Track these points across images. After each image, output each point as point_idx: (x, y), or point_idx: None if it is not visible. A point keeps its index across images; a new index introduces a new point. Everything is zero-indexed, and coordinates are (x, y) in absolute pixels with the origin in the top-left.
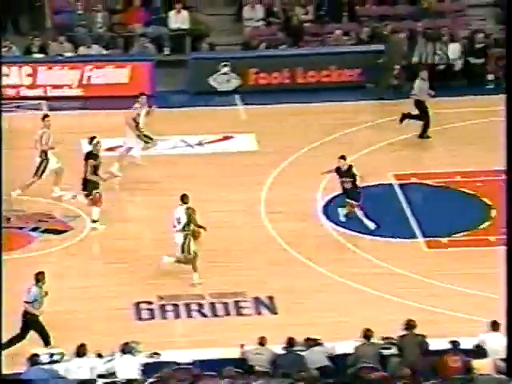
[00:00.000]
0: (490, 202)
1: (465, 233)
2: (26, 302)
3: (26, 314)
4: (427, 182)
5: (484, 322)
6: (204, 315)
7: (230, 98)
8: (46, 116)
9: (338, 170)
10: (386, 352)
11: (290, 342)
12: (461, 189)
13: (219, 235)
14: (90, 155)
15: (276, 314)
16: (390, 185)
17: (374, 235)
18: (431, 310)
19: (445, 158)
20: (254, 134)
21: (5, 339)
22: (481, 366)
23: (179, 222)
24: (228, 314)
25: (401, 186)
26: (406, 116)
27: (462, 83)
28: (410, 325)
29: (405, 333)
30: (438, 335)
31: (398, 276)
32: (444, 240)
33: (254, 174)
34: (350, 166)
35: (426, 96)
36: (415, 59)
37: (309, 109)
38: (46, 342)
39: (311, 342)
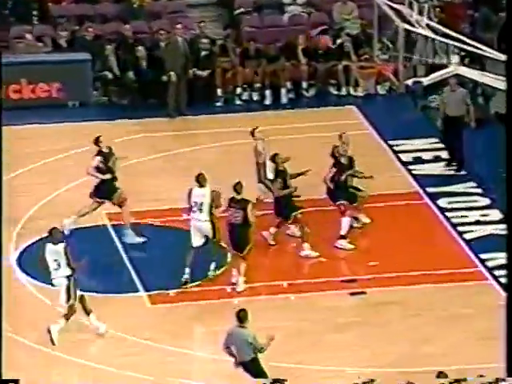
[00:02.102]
0: (224, 245)
1: (197, 282)
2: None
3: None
4: (148, 221)
5: None
6: None
7: None
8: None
9: None
10: None
11: None
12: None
13: None
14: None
15: None
16: (104, 226)
17: (85, 291)
18: (155, 381)
19: (172, 191)
20: None
21: None
22: None
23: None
24: None
25: (116, 227)
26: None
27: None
28: None
29: None
30: None
31: (115, 340)
32: (171, 293)
33: None
34: None
35: (459, 109)
36: None
37: None
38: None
39: None
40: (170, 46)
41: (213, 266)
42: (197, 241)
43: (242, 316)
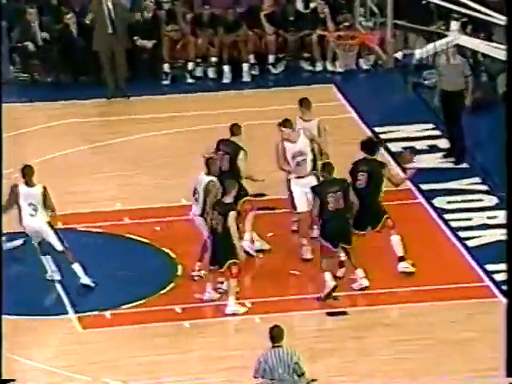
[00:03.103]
0: (173, 255)
1: (139, 302)
2: None
3: None
4: (77, 226)
5: None
6: None
7: None
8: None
9: None
10: None
11: None
12: (131, 235)
13: None
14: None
15: None
16: (24, 234)
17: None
18: None
19: (107, 190)
20: None
21: None
22: None
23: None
24: None
25: None
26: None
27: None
28: None
29: None
30: None
31: (39, 374)
32: (108, 314)
33: None
34: None
35: (457, 83)
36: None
37: None
38: None
39: None
40: (97, 9)
41: None
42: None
43: (276, 334)
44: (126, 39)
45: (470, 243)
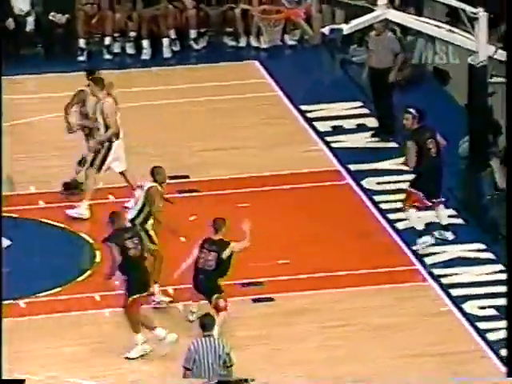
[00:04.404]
0: (91, 240)
1: (55, 290)
2: None
3: None
4: None
5: None
6: None
7: None
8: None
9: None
10: None
11: None
12: (46, 220)
13: None
14: None
15: None
16: None
17: None
18: None
19: (20, 173)
20: None
21: None
22: None
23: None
24: None
25: None
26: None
27: (36, 52)
28: None
29: None
30: None
31: None
32: (22, 303)
33: None
34: None
35: (386, 59)
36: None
37: None
38: None
39: None
40: None
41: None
42: None
43: (207, 322)
44: None
45: (400, 225)
